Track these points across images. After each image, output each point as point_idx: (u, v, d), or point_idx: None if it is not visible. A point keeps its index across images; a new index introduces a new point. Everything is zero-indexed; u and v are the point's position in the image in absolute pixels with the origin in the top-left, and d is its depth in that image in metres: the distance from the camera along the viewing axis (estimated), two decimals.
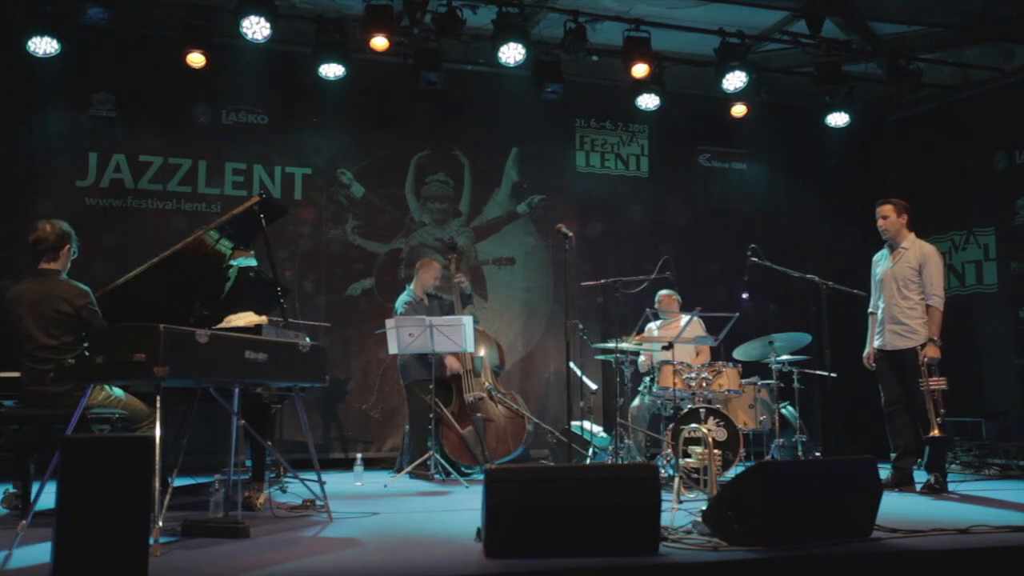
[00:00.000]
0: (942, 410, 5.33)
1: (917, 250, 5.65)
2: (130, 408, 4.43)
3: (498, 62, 7.18)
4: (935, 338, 5.46)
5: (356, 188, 7.94)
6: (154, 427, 3.56)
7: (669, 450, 5.79)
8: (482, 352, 6.66)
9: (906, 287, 5.60)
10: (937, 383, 5.34)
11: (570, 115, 8.51)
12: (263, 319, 4.35)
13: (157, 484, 3.22)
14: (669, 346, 6.09)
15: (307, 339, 4.34)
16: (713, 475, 4.64)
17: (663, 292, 7.02)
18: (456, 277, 6.70)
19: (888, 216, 5.72)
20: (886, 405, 5.70)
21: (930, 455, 5.55)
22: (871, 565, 3.29)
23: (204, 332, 3.57)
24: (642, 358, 6.85)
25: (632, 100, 7.85)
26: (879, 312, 5.78)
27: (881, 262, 5.86)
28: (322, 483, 4.43)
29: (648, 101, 7.85)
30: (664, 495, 3.48)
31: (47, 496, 3.32)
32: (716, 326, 6.24)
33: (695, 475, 5.05)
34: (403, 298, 6.68)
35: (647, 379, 6.68)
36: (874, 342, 5.82)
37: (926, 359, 5.40)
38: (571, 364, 6.31)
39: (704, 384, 6.13)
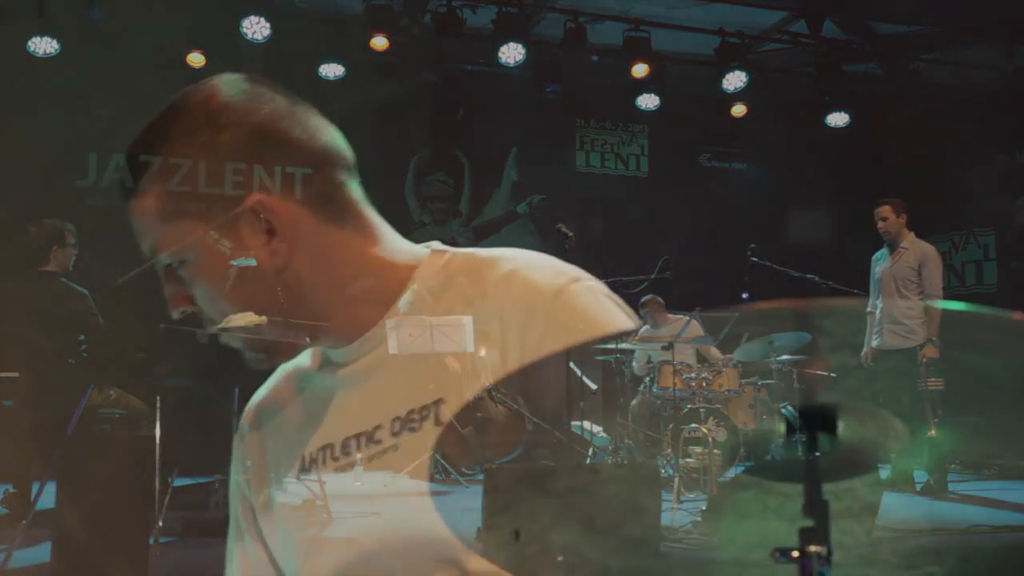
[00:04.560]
0: (939, 411, 5.33)
1: (917, 250, 5.64)
2: (130, 408, 4.43)
3: (498, 62, 7.17)
4: (934, 338, 5.45)
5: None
6: (154, 427, 3.56)
7: (669, 450, 5.79)
8: (482, 352, 6.63)
9: (905, 287, 5.59)
10: (935, 383, 5.34)
11: (570, 115, 8.50)
12: (263, 319, 4.34)
13: (157, 484, 3.23)
14: (669, 346, 6.08)
15: (307, 339, 4.33)
16: (713, 475, 4.64)
17: (647, 298, 6.93)
18: None
19: (887, 217, 5.72)
20: (884, 405, 5.69)
21: (929, 455, 5.54)
22: (871, 565, 3.29)
23: (204, 332, 3.57)
24: (636, 363, 6.82)
25: (632, 100, 7.84)
26: (877, 311, 5.78)
27: (880, 261, 5.85)
28: (322, 483, 4.43)
29: (648, 101, 7.85)
30: (664, 495, 3.48)
31: (47, 496, 3.32)
32: (716, 326, 6.23)
33: (695, 475, 5.05)
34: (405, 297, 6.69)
35: (647, 379, 6.67)
36: (872, 341, 5.81)
37: (925, 359, 5.39)
38: (571, 364, 6.29)
39: (704, 384, 6.13)
